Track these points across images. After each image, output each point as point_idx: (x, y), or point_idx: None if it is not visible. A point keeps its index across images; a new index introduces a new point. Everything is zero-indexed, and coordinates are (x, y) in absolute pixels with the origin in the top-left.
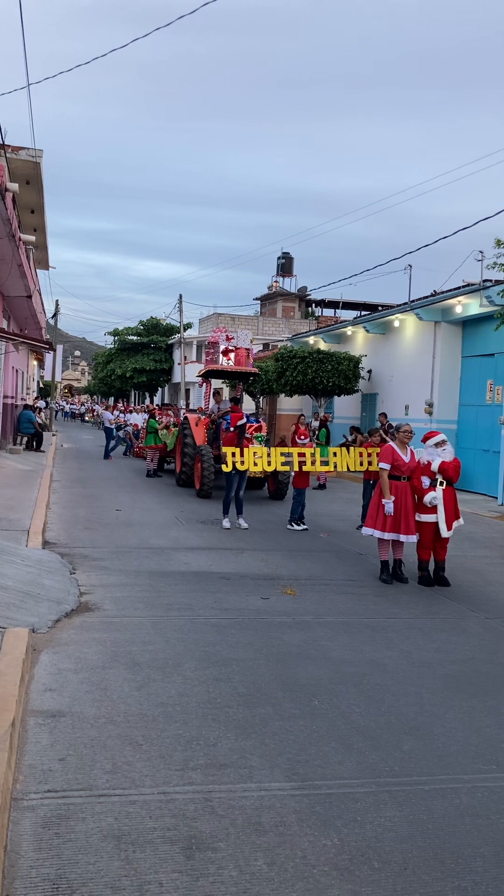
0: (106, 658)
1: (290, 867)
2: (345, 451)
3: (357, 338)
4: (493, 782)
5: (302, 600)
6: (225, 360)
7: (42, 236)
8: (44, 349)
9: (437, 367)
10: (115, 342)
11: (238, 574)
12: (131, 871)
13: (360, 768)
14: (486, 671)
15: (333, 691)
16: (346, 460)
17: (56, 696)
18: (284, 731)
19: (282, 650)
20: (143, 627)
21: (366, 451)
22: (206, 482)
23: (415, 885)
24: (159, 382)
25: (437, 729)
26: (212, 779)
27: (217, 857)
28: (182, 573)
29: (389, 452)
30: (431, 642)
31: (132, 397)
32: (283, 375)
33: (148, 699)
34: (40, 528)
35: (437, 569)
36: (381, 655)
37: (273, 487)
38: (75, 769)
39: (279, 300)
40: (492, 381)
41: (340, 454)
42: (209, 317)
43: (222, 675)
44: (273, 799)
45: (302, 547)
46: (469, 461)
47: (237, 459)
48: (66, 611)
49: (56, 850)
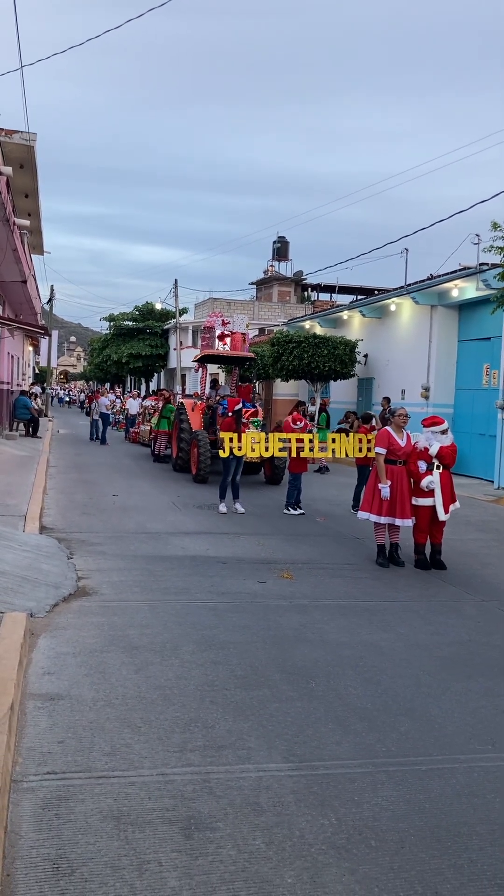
0: (104, 642)
1: (288, 846)
2: (343, 437)
3: (353, 322)
4: (488, 762)
5: (299, 584)
6: (221, 345)
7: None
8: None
9: (434, 351)
10: (111, 328)
11: (235, 558)
12: (131, 850)
13: (357, 749)
14: (482, 653)
15: (330, 673)
16: (345, 446)
17: (54, 680)
18: (282, 713)
19: (279, 633)
20: (141, 611)
21: (365, 437)
22: (203, 467)
23: (412, 863)
24: (155, 368)
25: (433, 710)
26: (210, 760)
27: (216, 836)
28: (179, 557)
29: (385, 437)
30: (428, 625)
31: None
32: (279, 360)
33: (146, 682)
34: (37, 513)
35: (434, 552)
36: (378, 638)
37: (269, 472)
38: (74, 751)
39: (275, 284)
40: (488, 364)
41: (339, 440)
42: (205, 302)
43: (220, 658)
44: (271, 779)
45: (299, 531)
46: (465, 445)
47: (235, 445)
48: (64, 595)
49: (56, 830)
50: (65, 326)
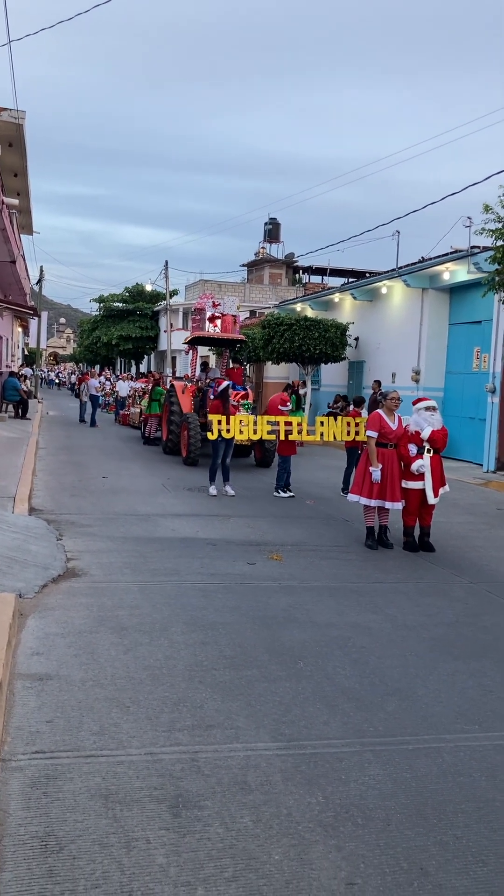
0: (93, 622)
1: (276, 824)
2: (332, 421)
3: (344, 305)
4: (474, 742)
5: (288, 566)
6: (211, 327)
7: (25, 200)
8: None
9: (425, 334)
10: (101, 309)
11: (225, 540)
12: (119, 828)
13: (344, 728)
14: (470, 634)
15: (319, 654)
16: (334, 430)
17: (43, 660)
18: (270, 693)
19: (268, 614)
20: (130, 592)
21: (353, 421)
22: (193, 450)
23: (397, 840)
24: (145, 350)
25: (420, 690)
26: (198, 739)
27: (203, 814)
28: (169, 539)
29: (377, 420)
30: (416, 606)
31: (118, 365)
32: (270, 343)
33: (135, 662)
34: (26, 494)
35: (423, 534)
36: (367, 619)
37: (260, 455)
38: (63, 731)
39: (266, 267)
40: (478, 348)
41: (327, 423)
42: (195, 283)
43: (209, 638)
44: (259, 758)
45: (288, 513)
46: (455, 428)
47: (223, 427)
48: (53, 576)
49: (44, 808)
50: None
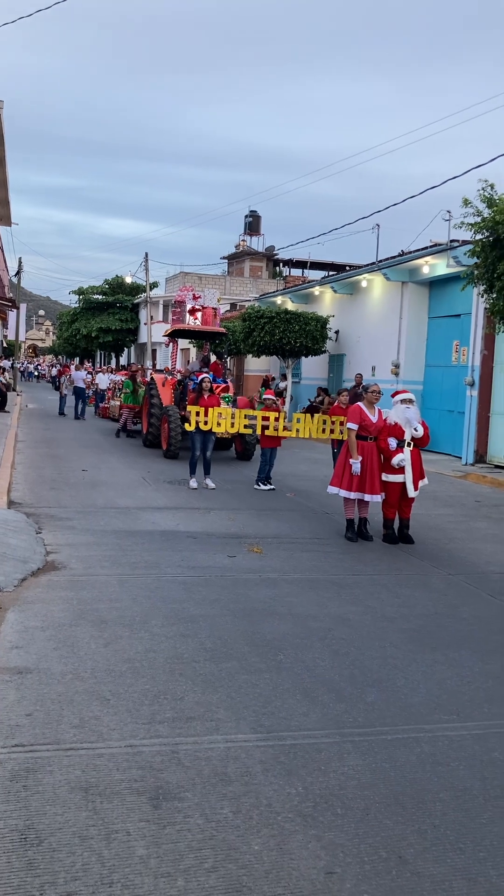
0: (73, 616)
1: (256, 815)
2: (308, 418)
3: (325, 298)
4: (453, 731)
5: (268, 558)
6: (192, 320)
7: (4, 191)
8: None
9: (404, 327)
10: (80, 301)
11: (205, 533)
12: (99, 820)
13: (324, 719)
14: (448, 625)
15: (299, 646)
16: (310, 427)
17: (23, 654)
18: (250, 685)
19: (248, 606)
20: (110, 585)
21: (329, 419)
22: (173, 443)
23: (376, 829)
24: (125, 342)
25: (399, 681)
26: (178, 731)
27: (183, 806)
28: (149, 532)
29: (357, 412)
30: (395, 598)
31: (98, 357)
32: (251, 336)
33: (115, 655)
34: (5, 488)
35: (402, 527)
36: (346, 611)
37: (240, 448)
38: (42, 724)
39: (247, 259)
40: (457, 341)
41: (304, 421)
42: (175, 276)
43: (189, 631)
44: (239, 750)
45: (268, 506)
46: (434, 421)
47: (201, 419)
48: (33, 570)
49: (24, 801)
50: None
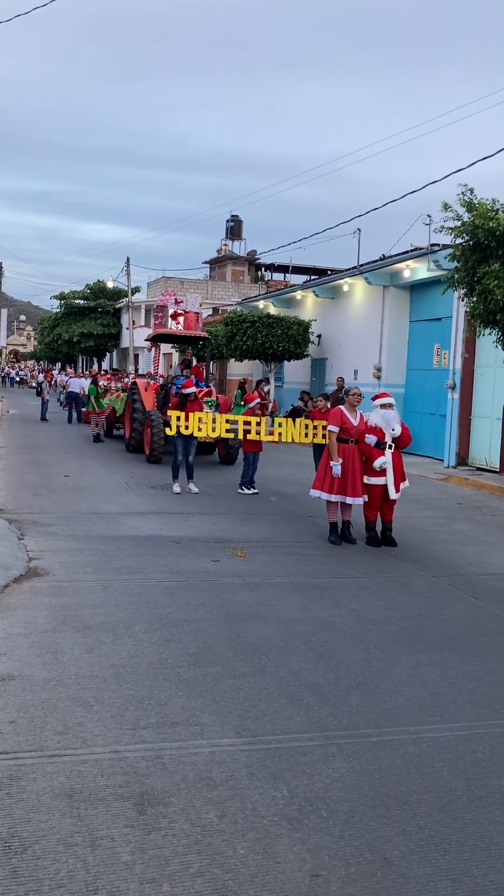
0: (56, 622)
1: (241, 819)
2: (290, 423)
3: (307, 302)
4: (437, 733)
5: (252, 562)
6: (174, 325)
7: None
8: None
9: (386, 331)
10: (62, 306)
11: (188, 538)
12: (83, 827)
13: (308, 723)
14: (432, 627)
15: (283, 649)
16: (292, 432)
17: (5, 661)
18: (235, 689)
19: (232, 610)
20: (93, 591)
21: (311, 424)
22: (156, 447)
23: (361, 832)
24: (107, 347)
25: (383, 683)
26: (163, 737)
27: (168, 811)
28: (132, 537)
29: (338, 415)
30: (379, 600)
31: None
32: (233, 340)
33: (99, 661)
34: None
35: (385, 529)
36: (330, 614)
37: (224, 452)
38: (26, 731)
39: (228, 264)
40: (439, 345)
41: (286, 425)
42: (157, 280)
43: (173, 636)
44: (224, 754)
45: (252, 510)
46: (416, 425)
47: (182, 423)
48: (15, 576)
49: (7, 809)
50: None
